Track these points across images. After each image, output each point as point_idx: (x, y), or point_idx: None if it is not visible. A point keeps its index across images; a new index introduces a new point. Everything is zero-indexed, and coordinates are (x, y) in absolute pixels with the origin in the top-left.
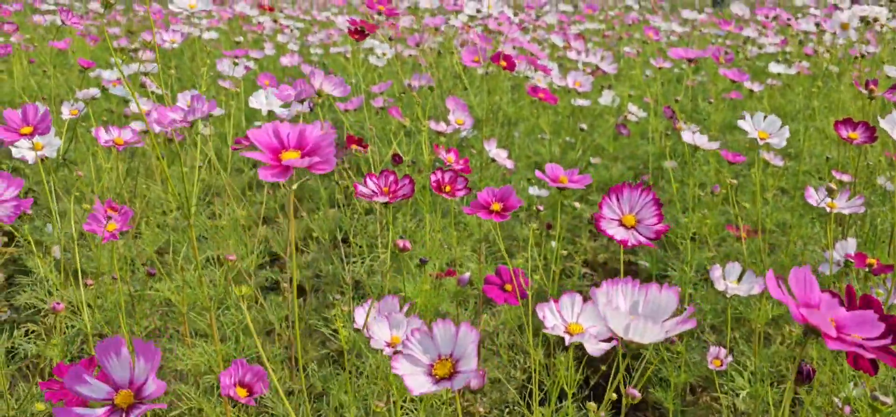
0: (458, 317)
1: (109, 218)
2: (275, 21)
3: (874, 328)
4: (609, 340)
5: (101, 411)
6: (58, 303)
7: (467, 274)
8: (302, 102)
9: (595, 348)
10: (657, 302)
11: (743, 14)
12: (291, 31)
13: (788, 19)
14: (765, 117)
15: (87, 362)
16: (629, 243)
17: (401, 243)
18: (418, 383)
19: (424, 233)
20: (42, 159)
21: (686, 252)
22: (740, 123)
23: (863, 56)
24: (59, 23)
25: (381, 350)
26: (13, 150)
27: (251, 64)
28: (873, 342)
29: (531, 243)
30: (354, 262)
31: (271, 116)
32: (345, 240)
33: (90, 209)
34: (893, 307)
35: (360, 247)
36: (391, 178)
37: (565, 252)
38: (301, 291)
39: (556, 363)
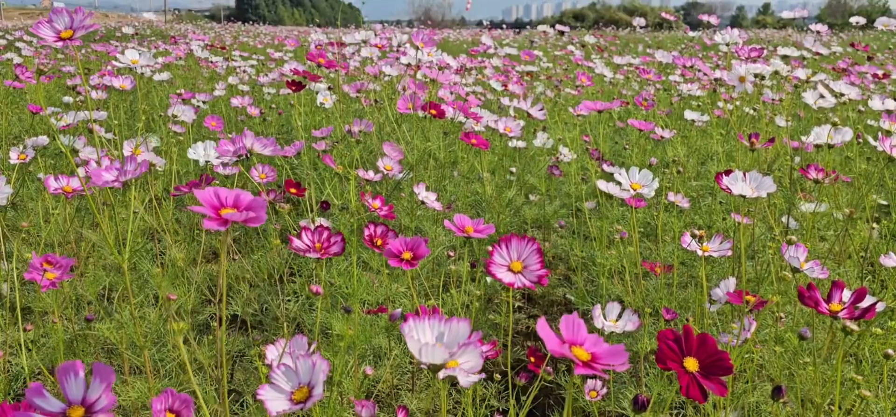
0: (391, 351)
1: (46, 270)
2: (226, 59)
3: (621, 356)
4: (479, 373)
5: None
6: None
7: (399, 310)
8: (239, 158)
9: (465, 380)
10: (457, 332)
11: (665, 61)
12: (244, 70)
13: (701, 70)
14: (640, 171)
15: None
16: (516, 285)
17: (314, 288)
18: (277, 405)
19: (353, 270)
20: None
21: (603, 289)
22: (617, 175)
23: (755, 111)
24: (12, 77)
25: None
26: None
27: (202, 104)
28: (620, 366)
29: (466, 282)
30: (290, 300)
31: (208, 166)
32: (283, 279)
33: (31, 258)
34: (748, 342)
35: (297, 286)
36: (325, 234)
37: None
38: (244, 326)
39: (464, 393)
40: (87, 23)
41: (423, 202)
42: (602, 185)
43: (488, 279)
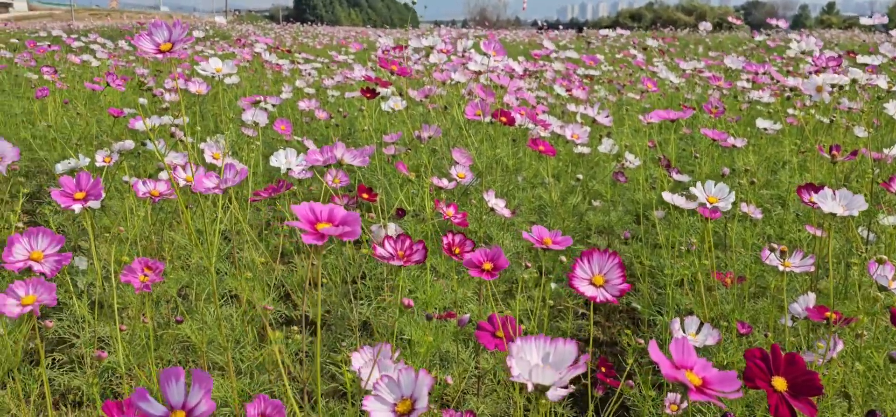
0: (458, 355)
1: (145, 275)
2: (292, 62)
3: (733, 384)
4: (566, 387)
5: None
6: (102, 351)
7: (467, 316)
8: (327, 167)
9: (554, 394)
10: (563, 353)
11: (735, 66)
12: (309, 73)
13: (776, 78)
14: (715, 184)
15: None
16: (598, 299)
17: (406, 301)
18: None
19: (427, 276)
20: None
21: (669, 299)
22: (693, 189)
23: (832, 122)
24: (104, 84)
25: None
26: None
27: (269, 108)
28: (733, 394)
29: (520, 290)
30: (363, 303)
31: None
32: (355, 281)
33: (127, 261)
34: (832, 361)
35: (368, 289)
36: (407, 243)
37: (566, 300)
38: (312, 327)
39: (539, 405)
40: (184, 36)
41: (492, 209)
42: (667, 196)
43: (553, 285)
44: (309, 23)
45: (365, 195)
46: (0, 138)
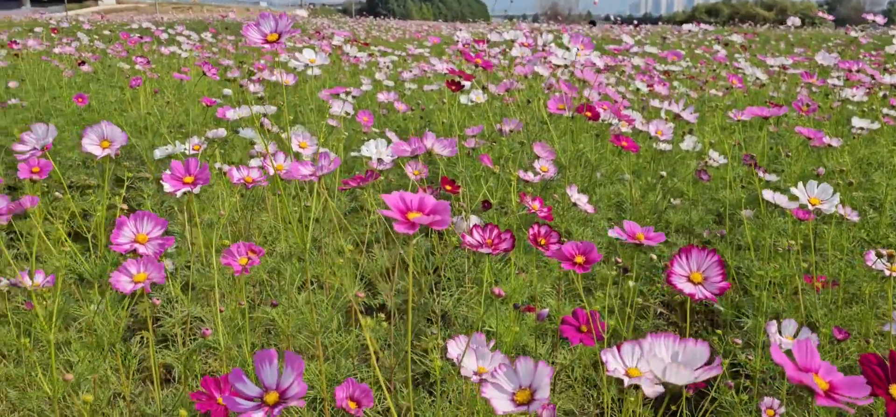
0: (536, 350)
1: (247, 258)
2: (369, 55)
3: (863, 389)
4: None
5: (252, 405)
6: (207, 329)
7: (546, 310)
8: (415, 157)
9: (651, 390)
10: (693, 353)
11: (826, 63)
12: (386, 66)
13: (873, 75)
14: (818, 184)
15: (238, 371)
16: (696, 297)
17: (497, 290)
18: (502, 405)
19: (510, 269)
20: (186, 193)
21: (760, 301)
22: (793, 190)
23: None
24: (200, 73)
25: (470, 378)
26: (164, 185)
27: (350, 99)
28: (864, 400)
29: (608, 288)
30: (444, 293)
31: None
32: (437, 270)
33: (227, 244)
34: None
35: (448, 279)
36: (495, 232)
37: (642, 298)
38: (390, 314)
39: (626, 401)
40: (289, 27)
41: (575, 204)
42: (768, 195)
43: (631, 283)
44: (381, 16)
45: (448, 187)
46: (110, 123)
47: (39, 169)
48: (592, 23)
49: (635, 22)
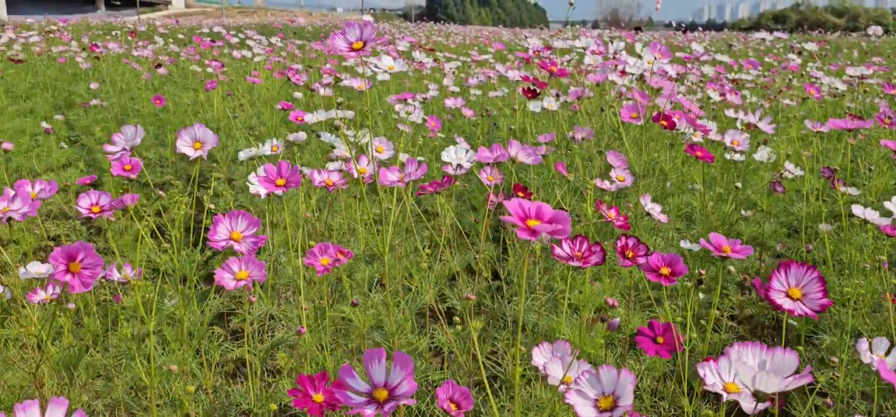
0: (605, 359)
1: (337, 260)
2: (436, 60)
3: None
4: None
5: (362, 400)
6: (302, 328)
7: (617, 320)
8: (499, 166)
9: (749, 405)
10: (781, 362)
11: None
12: (452, 71)
13: None
14: None
15: (347, 368)
16: (796, 313)
17: (612, 322)
18: (585, 411)
19: (586, 277)
20: (271, 195)
21: (844, 318)
22: (887, 204)
23: None
24: (273, 78)
25: (557, 387)
26: (250, 187)
27: (417, 105)
28: None
29: (691, 298)
30: (515, 300)
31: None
32: (509, 278)
33: (311, 244)
34: None
35: (517, 284)
36: (585, 245)
37: (719, 311)
38: (462, 318)
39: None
40: (374, 36)
41: (648, 213)
42: (858, 210)
43: (701, 295)
44: (440, 21)
45: (520, 194)
46: (202, 126)
47: (131, 167)
48: (638, 29)
49: (699, 28)
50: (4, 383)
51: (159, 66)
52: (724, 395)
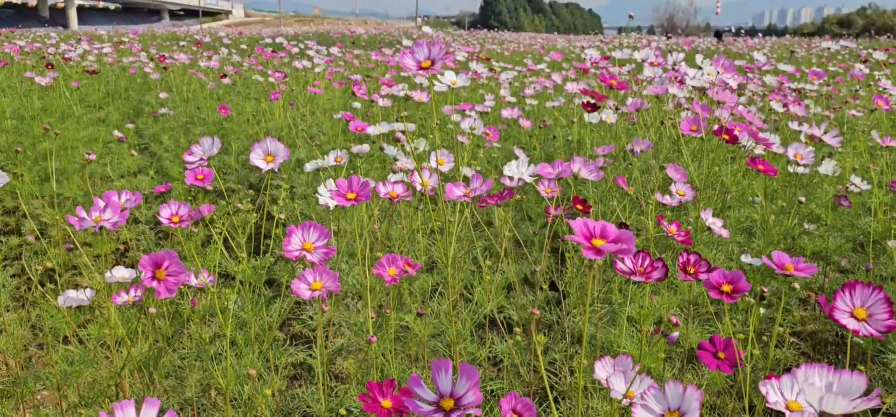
0: (664, 373)
1: (405, 271)
2: (491, 70)
3: None
4: None
5: (430, 408)
6: (372, 337)
7: (676, 334)
8: (559, 180)
9: None
10: (848, 384)
11: None
12: (508, 82)
13: None
14: None
15: (416, 378)
16: (861, 333)
17: (671, 336)
18: None
19: (647, 289)
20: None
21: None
22: None
23: None
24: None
25: (620, 400)
26: (319, 198)
27: (475, 116)
28: None
29: (753, 313)
30: (572, 314)
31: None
32: (566, 290)
33: (379, 256)
34: None
35: (575, 299)
36: (647, 261)
37: (782, 327)
38: (524, 329)
39: None
40: (443, 56)
41: (709, 228)
42: None
43: (762, 310)
44: (494, 29)
45: (579, 206)
46: (274, 140)
47: (203, 177)
48: (718, 35)
49: (760, 34)
50: (86, 380)
51: (224, 76)
52: (787, 413)
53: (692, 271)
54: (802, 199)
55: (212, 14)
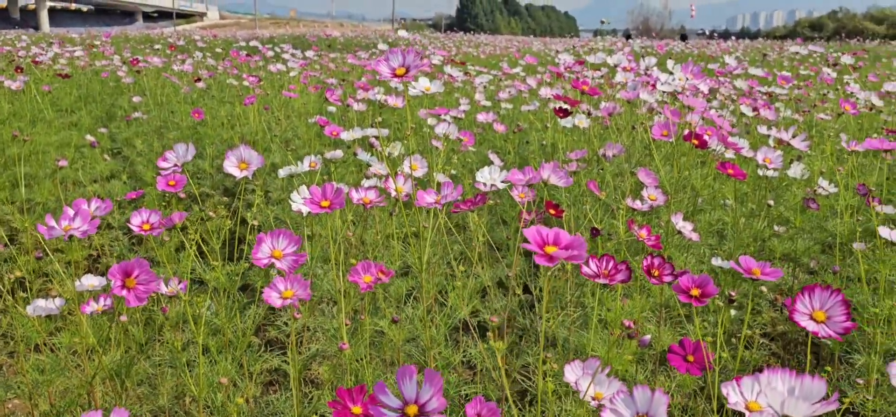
0: (636, 375)
1: (379, 279)
2: (466, 73)
3: None
4: None
5: (395, 415)
6: (344, 344)
7: (648, 337)
8: (531, 186)
9: None
10: (810, 388)
11: None
12: (483, 86)
13: None
14: None
15: (382, 385)
16: (820, 335)
17: (643, 339)
18: None
19: (618, 294)
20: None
21: (875, 339)
22: None
23: None
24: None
25: (588, 403)
26: (292, 204)
27: (450, 120)
28: None
29: (722, 316)
30: (546, 318)
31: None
32: (537, 293)
33: (353, 263)
34: None
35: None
36: (611, 263)
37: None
38: (495, 333)
39: None
40: (417, 63)
41: (679, 232)
42: (885, 233)
43: (732, 312)
44: (470, 31)
45: (552, 211)
46: (248, 147)
47: (175, 183)
48: (684, 37)
49: (732, 36)
50: (58, 388)
51: (199, 80)
52: (747, 414)
53: (657, 273)
54: (772, 202)
55: (186, 16)
